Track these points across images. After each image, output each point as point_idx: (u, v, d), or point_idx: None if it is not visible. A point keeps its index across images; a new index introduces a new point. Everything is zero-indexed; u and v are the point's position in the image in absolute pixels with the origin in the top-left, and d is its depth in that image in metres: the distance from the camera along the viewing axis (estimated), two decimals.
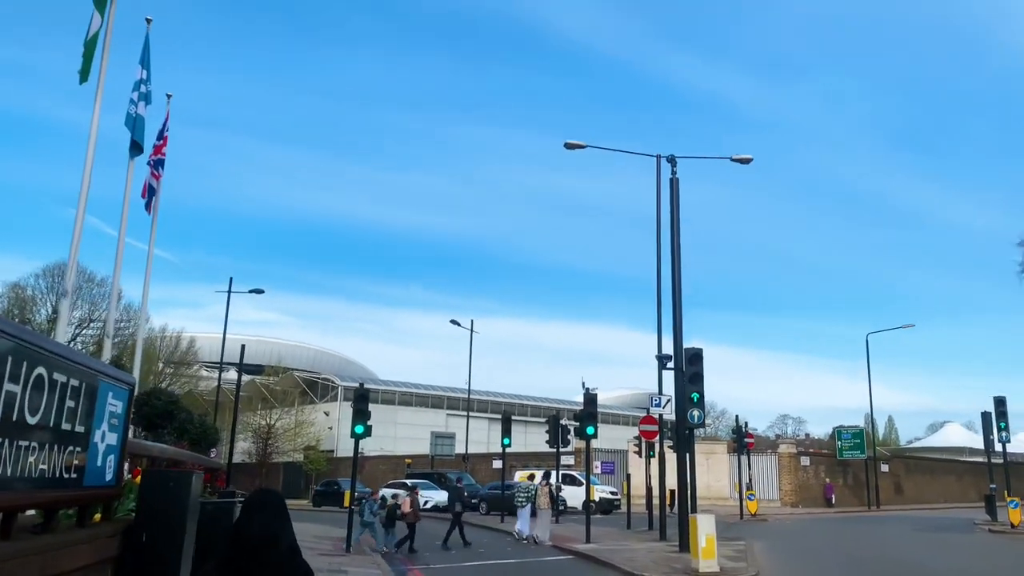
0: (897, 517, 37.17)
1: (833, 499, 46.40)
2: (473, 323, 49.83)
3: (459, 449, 51.23)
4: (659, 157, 21.96)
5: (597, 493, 33.76)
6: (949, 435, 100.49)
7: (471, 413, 56.49)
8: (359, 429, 19.26)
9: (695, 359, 17.39)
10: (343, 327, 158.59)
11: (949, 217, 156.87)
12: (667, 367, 19.12)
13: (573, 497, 33.82)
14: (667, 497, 23.65)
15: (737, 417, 36.06)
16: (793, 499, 44.96)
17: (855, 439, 49.50)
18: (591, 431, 21.30)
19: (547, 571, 16.99)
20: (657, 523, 23.07)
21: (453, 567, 17.37)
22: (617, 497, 37.83)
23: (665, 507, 22.92)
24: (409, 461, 53.28)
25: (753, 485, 37.21)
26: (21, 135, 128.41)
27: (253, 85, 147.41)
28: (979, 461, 72.68)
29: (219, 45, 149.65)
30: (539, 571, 16.94)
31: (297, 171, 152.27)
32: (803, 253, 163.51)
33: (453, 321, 49.84)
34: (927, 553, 20.38)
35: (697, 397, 17.22)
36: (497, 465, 43.19)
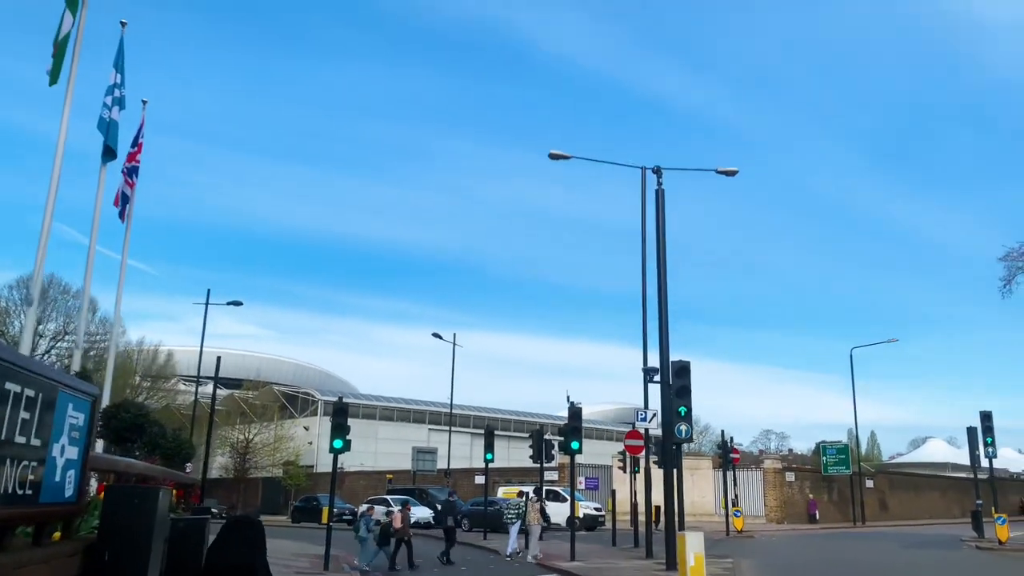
0: (883, 534, 36.95)
1: (817, 515, 46.19)
2: (456, 337, 49.43)
3: (441, 464, 50.63)
4: (644, 169, 21.78)
5: (581, 509, 33.30)
6: (932, 450, 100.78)
7: (453, 428, 55.92)
8: (338, 444, 18.79)
9: (682, 372, 17.08)
10: (324, 341, 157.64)
11: (932, 232, 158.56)
12: (653, 380, 18.80)
13: (557, 513, 33.33)
14: (652, 513, 23.28)
15: (723, 432, 35.84)
16: (778, 515, 44.68)
17: (840, 455, 49.38)
18: (576, 446, 20.91)
19: None
20: (643, 540, 22.67)
21: None
22: (601, 513, 37.43)
23: (651, 524, 22.53)
24: (390, 476, 52.60)
25: (739, 501, 36.90)
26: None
27: (233, 96, 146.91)
28: (963, 477, 72.86)
29: (199, 56, 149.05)
30: None
31: (278, 183, 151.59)
32: (784, 267, 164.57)
33: (435, 334, 49.39)
34: (917, 571, 20.11)
35: (684, 411, 16.89)
36: (480, 480, 42.63)
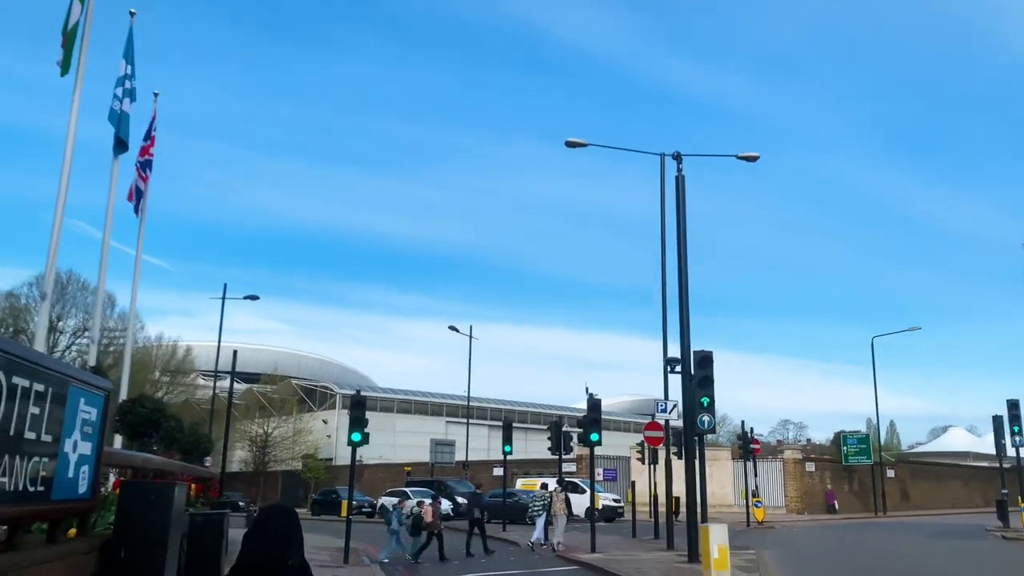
0: (906, 524, 36.53)
1: (836, 505, 45.70)
2: (472, 329, 49.26)
3: (459, 456, 50.56)
4: (663, 155, 21.43)
5: (600, 501, 33.12)
6: (952, 439, 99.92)
7: (471, 421, 55.84)
8: (356, 437, 18.68)
9: (705, 362, 16.79)
10: (342, 335, 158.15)
11: (952, 220, 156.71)
12: (674, 371, 18.51)
13: (576, 505, 33.23)
14: (672, 505, 23.07)
15: (743, 423, 35.46)
16: (799, 506, 44.31)
17: (861, 444, 48.90)
18: (595, 437, 20.69)
19: None
20: (664, 532, 22.45)
21: None
22: (620, 505, 37.24)
23: (672, 515, 22.32)
24: (409, 469, 52.60)
25: (759, 492, 36.58)
26: (19, 146, 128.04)
27: (248, 94, 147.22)
28: (985, 466, 72.13)
29: (214, 54, 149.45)
30: None
31: (294, 180, 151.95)
32: (802, 257, 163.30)
33: (452, 327, 49.23)
34: (946, 563, 19.72)
35: (707, 402, 16.60)
36: (498, 472, 42.54)
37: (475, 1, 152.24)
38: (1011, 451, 28.66)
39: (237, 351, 34.63)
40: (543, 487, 24.91)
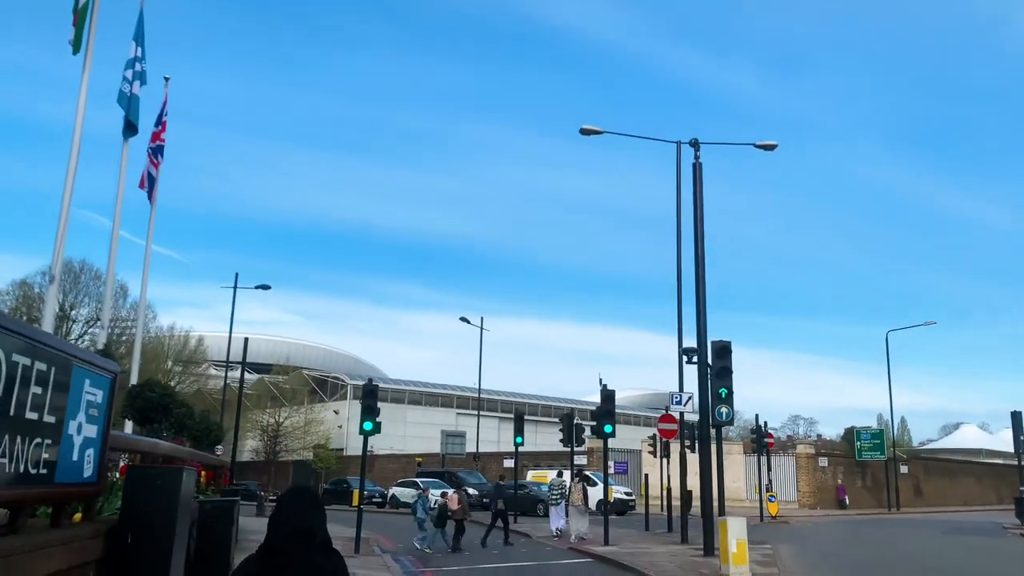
0: (921, 520, 36.11)
1: (846, 500, 45.26)
2: (483, 320, 49.05)
3: (469, 448, 50.44)
4: (679, 143, 21.15)
5: (612, 494, 32.91)
6: (965, 436, 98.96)
7: (481, 412, 55.73)
8: (368, 426, 18.50)
9: (723, 352, 16.48)
10: (353, 327, 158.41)
11: (963, 215, 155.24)
12: (691, 361, 18.20)
13: (589, 498, 32.99)
14: (686, 498, 22.83)
15: (757, 416, 35.11)
16: (811, 501, 43.95)
17: (875, 440, 48.46)
18: (609, 429, 20.47)
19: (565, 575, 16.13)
20: (677, 525, 22.21)
21: (465, 569, 16.54)
22: (632, 498, 37.10)
23: (686, 509, 22.08)
24: (420, 460, 52.58)
25: (772, 487, 36.24)
26: (31, 137, 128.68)
27: (260, 84, 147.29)
28: (999, 463, 71.47)
29: (226, 43, 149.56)
30: (557, 575, 16.08)
31: (305, 171, 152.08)
32: (809, 252, 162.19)
33: (463, 318, 49.01)
34: (967, 561, 19.36)
35: (726, 393, 16.31)
36: (508, 464, 42.40)
37: None
38: None
39: (248, 339, 34.56)
40: (559, 475, 24.87)
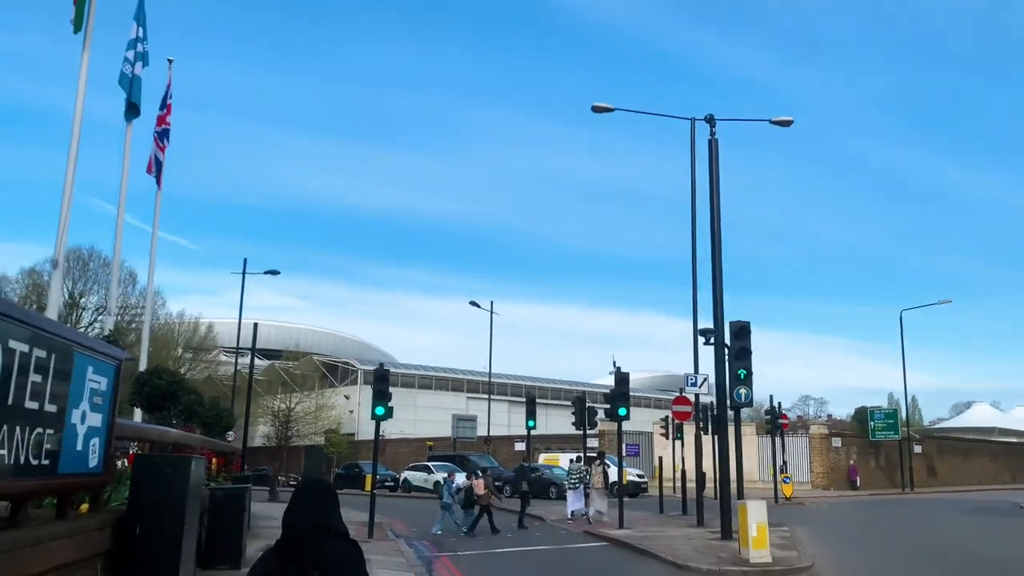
0: (936, 500, 35.87)
1: (858, 481, 44.85)
2: (493, 304, 48.83)
3: (480, 432, 50.35)
4: (694, 120, 20.73)
5: (626, 476, 32.82)
6: (977, 415, 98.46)
7: (492, 396, 55.60)
8: (379, 411, 18.31)
9: (742, 333, 16.14)
10: (363, 312, 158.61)
11: (973, 195, 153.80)
12: (708, 342, 17.87)
13: None
14: (702, 481, 22.63)
15: (771, 397, 34.82)
16: (825, 481, 43.71)
17: (888, 419, 48.13)
18: (623, 412, 20.26)
19: (582, 559, 15.92)
20: (692, 508, 22.00)
21: (481, 554, 16.36)
22: (644, 480, 37.05)
23: (701, 491, 21.85)
24: (431, 444, 52.54)
25: (786, 468, 36.02)
26: (34, 125, 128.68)
27: (267, 70, 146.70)
28: (1013, 441, 70.99)
29: (230, 28, 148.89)
30: (574, 559, 15.87)
31: (314, 157, 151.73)
32: (825, 233, 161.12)
33: (473, 302, 48.83)
34: (987, 541, 19.08)
35: (744, 374, 16.00)
36: (520, 447, 42.28)
37: None
38: None
39: (257, 324, 34.42)
40: (577, 460, 24.79)
